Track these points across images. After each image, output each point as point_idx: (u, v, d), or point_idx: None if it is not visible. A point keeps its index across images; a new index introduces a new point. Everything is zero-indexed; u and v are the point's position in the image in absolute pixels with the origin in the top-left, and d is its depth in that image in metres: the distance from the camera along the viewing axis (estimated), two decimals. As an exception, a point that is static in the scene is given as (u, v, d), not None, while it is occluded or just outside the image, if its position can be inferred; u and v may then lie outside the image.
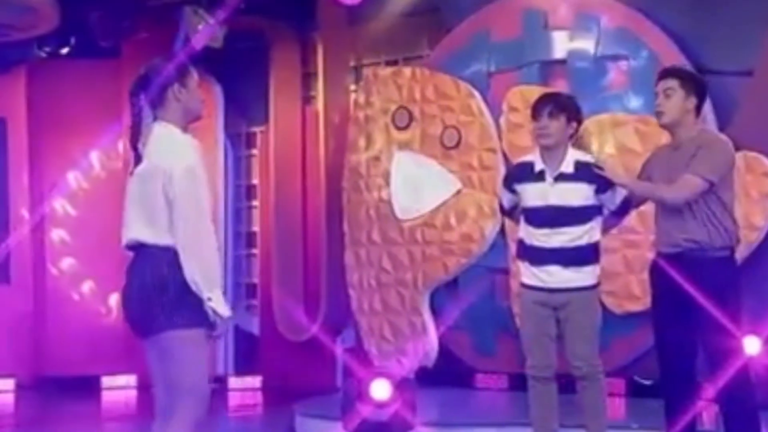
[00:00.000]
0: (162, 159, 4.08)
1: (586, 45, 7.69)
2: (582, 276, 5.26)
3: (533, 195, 5.32)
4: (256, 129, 9.81)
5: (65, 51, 9.39)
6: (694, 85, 5.12)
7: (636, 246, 7.08)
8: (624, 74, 7.54)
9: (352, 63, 9.14)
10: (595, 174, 5.19)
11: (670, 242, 5.05)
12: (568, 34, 7.79)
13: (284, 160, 9.39)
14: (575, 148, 5.38)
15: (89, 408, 8.75)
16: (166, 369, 4.09)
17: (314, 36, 9.20)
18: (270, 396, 9.09)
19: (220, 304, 4.03)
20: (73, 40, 9.31)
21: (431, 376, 8.04)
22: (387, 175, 8.42)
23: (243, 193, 9.96)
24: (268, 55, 9.41)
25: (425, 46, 8.76)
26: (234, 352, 9.71)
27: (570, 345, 5.31)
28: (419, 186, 8.28)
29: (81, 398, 9.08)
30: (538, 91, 6.92)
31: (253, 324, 9.72)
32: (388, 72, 8.66)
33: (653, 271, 5.19)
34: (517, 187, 5.42)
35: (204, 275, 3.99)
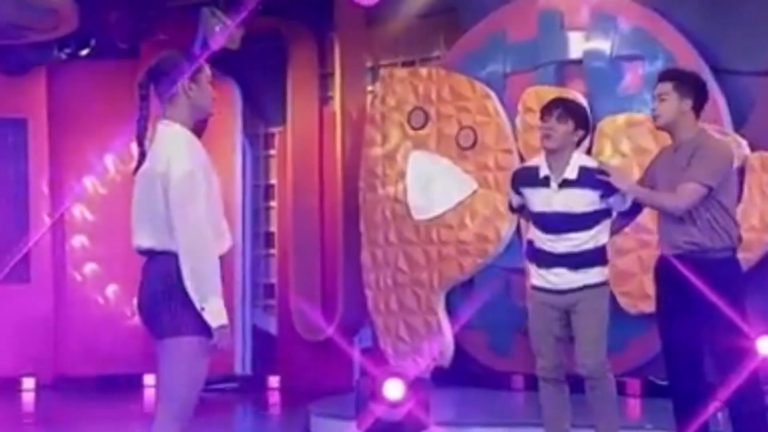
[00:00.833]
0: (162, 162, 3.98)
1: (603, 45, 7.68)
2: (589, 276, 5.25)
3: (538, 201, 5.32)
4: (274, 129, 9.83)
5: (85, 52, 9.49)
6: (690, 87, 5.10)
7: (650, 246, 6.96)
8: (640, 74, 7.51)
9: (369, 63, 9.17)
10: (599, 179, 5.17)
11: (672, 244, 5.05)
12: (585, 35, 7.79)
13: (302, 161, 9.42)
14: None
15: (114, 408, 8.75)
16: (161, 372, 4.09)
17: (331, 37, 9.22)
18: (288, 396, 9.09)
19: (214, 314, 3.91)
20: (93, 42, 9.41)
21: (447, 376, 8.06)
22: (403, 175, 8.44)
23: (261, 194, 9.98)
24: (286, 56, 9.43)
25: (441, 47, 8.77)
26: (252, 352, 9.74)
27: (576, 344, 5.29)
28: (434, 186, 8.30)
29: (103, 398, 9.11)
30: (554, 92, 6.94)
31: (271, 324, 9.75)
32: (405, 72, 8.68)
33: (658, 270, 5.20)
34: (523, 191, 5.41)
35: (197, 285, 3.90)
